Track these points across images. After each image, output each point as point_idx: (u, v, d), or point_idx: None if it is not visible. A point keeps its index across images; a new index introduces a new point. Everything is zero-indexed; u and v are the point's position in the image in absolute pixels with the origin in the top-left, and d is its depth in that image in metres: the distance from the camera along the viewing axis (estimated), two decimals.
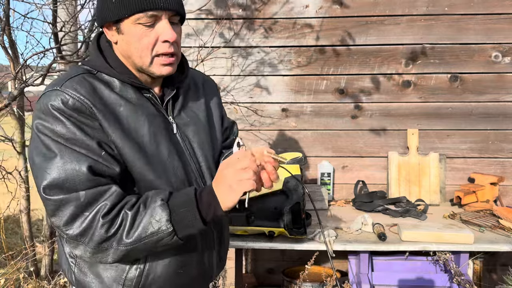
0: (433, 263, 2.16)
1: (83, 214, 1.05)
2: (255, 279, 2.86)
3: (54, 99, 1.07)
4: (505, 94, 2.66)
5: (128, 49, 1.15)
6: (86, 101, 1.09)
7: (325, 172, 2.73)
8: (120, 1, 1.10)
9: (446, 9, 2.62)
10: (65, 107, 1.07)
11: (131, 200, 1.09)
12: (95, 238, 1.05)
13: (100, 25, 1.19)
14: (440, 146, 2.71)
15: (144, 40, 1.13)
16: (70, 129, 1.07)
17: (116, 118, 1.13)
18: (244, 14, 2.69)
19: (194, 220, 1.07)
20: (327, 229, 2.13)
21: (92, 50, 1.22)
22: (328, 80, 2.72)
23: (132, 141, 1.14)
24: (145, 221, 1.06)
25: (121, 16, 1.11)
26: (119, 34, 1.15)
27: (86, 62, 1.21)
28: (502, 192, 2.65)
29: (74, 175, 1.04)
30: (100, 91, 1.14)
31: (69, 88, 1.09)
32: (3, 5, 2.61)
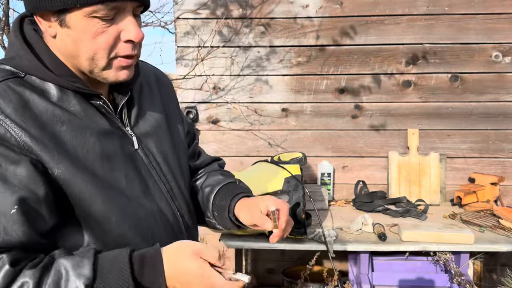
0: (433, 263, 2.16)
1: None
2: (255, 279, 2.86)
3: None
4: (505, 94, 2.65)
5: (74, 48, 0.87)
6: (13, 126, 0.80)
7: (325, 172, 2.72)
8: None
9: (446, 9, 2.62)
10: None
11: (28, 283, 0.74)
12: None
13: (30, 10, 0.87)
14: (441, 146, 2.71)
15: (100, 39, 0.85)
16: None
17: (58, 143, 0.84)
18: (243, 13, 2.69)
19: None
20: (327, 229, 2.12)
21: (16, 43, 0.90)
22: (328, 79, 2.72)
23: (85, 173, 0.86)
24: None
25: (70, 6, 0.82)
26: (62, 27, 0.85)
27: (7, 61, 0.89)
28: (502, 192, 2.65)
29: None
30: (33, 104, 0.84)
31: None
32: (3, 5, 2.60)
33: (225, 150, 2.79)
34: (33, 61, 0.87)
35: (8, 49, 0.90)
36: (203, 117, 2.78)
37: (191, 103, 2.77)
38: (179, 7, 2.66)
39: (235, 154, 2.79)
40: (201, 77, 2.68)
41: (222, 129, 2.79)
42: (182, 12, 2.65)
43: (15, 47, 0.89)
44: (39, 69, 0.87)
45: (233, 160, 2.78)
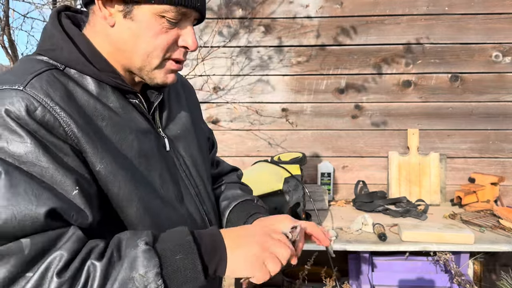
0: (433, 263, 2.16)
1: (25, 275, 0.68)
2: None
3: (15, 102, 0.74)
4: (505, 94, 2.65)
5: (132, 42, 0.86)
6: (63, 115, 0.77)
7: (325, 172, 2.72)
8: None
9: (447, 9, 2.62)
10: (29, 118, 0.74)
11: (98, 246, 0.75)
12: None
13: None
14: (441, 146, 2.71)
15: (161, 38, 0.86)
16: (32, 151, 0.73)
17: (100, 137, 0.82)
18: (244, 13, 2.69)
19: (194, 271, 0.76)
20: (327, 229, 2.12)
21: (56, 35, 0.86)
22: (328, 79, 2.72)
23: (125, 171, 0.84)
24: (122, 276, 0.71)
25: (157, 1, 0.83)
26: (126, 18, 0.84)
27: (45, 52, 0.86)
28: (502, 192, 2.65)
29: (26, 217, 0.70)
30: (77, 96, 0.82)
31: (38, 91, 0.77)
32: (3, 5, 2.60)
33: (225, 150, 2.79)
34: (75, 53, 0.85)
35: (45, 41, 0.87)
36: (203, 117, 2.78)
37: None
38: None
39: (235, 154, 2.79)
40: (201, 77, 2.68)
41: (222, 129, 2.79)
42: None
43: (54, 38, 0.86)
44: (80, 62, 0.85)
45: (233, 160, 2.78)
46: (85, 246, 0.74)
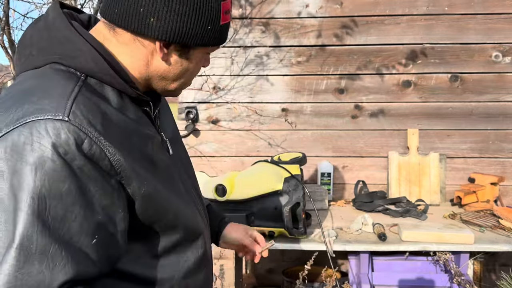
0: (433, 263, 2.16)
1: None
2: (255, 279, 2.86)
3: (61, 135, 0.69)
4: (505, 94, 2.65)
5: (177, 73, 0.88)
6: (108, 144, 0.73)
7: (325, 172, 2.72)
8: (220, 28, 0.87)
9: (446, 9, 2.62)
10: (78, 152, 0.70)
11: None
12: None
13: (165, 39, 0.81)
14: (440, 146, 2.71)
15: (199, 67, 0.92)
16: (68, 200, 0.69)
17: (137, 158, 0.79)
18: (243, 13, 2.69)
19: None
20: (327, 229, 2.13)
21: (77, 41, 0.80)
22: (328, 79, 2.72)
23: (162, 185, 0.84)
24: None
25: (220, 43, 0.89)
26: (181, 58, 0.86)
27: (64, 59, 0.79)
28: (502, 192, 2.65)
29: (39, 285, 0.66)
30: (110, 116, 0.77)
31: (81, 120, 0.71)
32: (3, 5, 2.60)
33: (225, 150, 2.79)
34: (101, 63, 0.79)
35: (61, 46, 0.79)
36: (203, 117, 2.78)
37: (191, 103, 2.77)
38: None
39: (235, 154, 2.80)
40: (201, 77, 2.68)
41: (222, 129, 2.79)
42: None
43: (73, 44, 0.79)
44: (108, 73, 0.80)
45: (233, 160, 2.78)
46: None
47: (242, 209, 1.98)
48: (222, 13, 0.86)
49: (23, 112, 0.70)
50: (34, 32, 0.83)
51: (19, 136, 0.68)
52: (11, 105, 0.72)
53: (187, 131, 2.76)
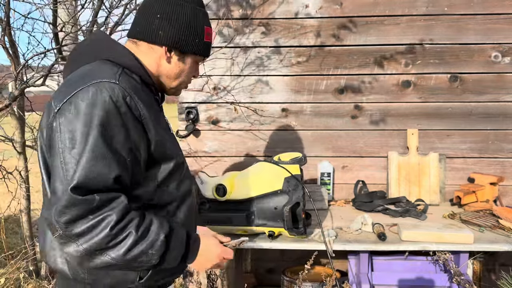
0: (433, 263, 2.16)
1: (88, 216, 1.05)
2: (255, 279, 2.86)
3: (114, 92, 1.11)
4: (505, 94, 2.66)
5: (177, 74, 1.33)
6: (138, 101, 1.16)
7: (325, 172, 2.73)
8: (204, 43, 1.33)
9: (446, 9, 2.62)
10: (124, 103, 1.12)
11: (136, 219, 1.12)
12: (93, 244, 1.06)
13: (171, 46, 1.27)
14: (440, 146, 2.72)
15: (191, 74, 1.37)
16: (117, 129, 1.11)
17: (155, 119, 1.21)
18: (244, 13, 2.69)
19: (176, 262, 1.23)
20: (327, 229, 2.13)
21: (116, 46, 1.26)
22: (328, 80, 2.72)
23: (167, 139, 1.27)
24: (143, 248, 1.12)
25: (205, 55, 1.36)
26: (179, 61, 1.31)
27: (114, 58, 1.23)
28: (502, 192, 2.65)
29: (102, 179, 1.07)
30: (140, 91, 1.20)
31: (125, 86, 1.14)
32: (4, 5, 2.61)
33: (225, 150, 2.80)
34: (133, 60, 1.25)
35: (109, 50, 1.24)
36: (203, 117, 2.79)
37: (191, 103, 2.78)
38: None
39: (235, 154, 2.80)
40: (201, 78, 2.69)
41: (222, 129, 2.79)
42: None
43: (118, 50, 1.25)
44: (136, 66, 1.24)
45: (233, 160, 2.79)
46: (128, 214, 1.11)
47: (242, 208, 1.99)
48: (205, 34, 1.33)
49: (89, 79, 1.12)
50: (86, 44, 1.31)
51: (90, 90, 1.10)
52: (77, 79, 1.15)
53: (187, 131, 2.77)
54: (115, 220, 1.07)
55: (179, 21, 1.27)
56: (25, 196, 3.30)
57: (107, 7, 2.75)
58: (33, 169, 7.79)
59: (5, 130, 3.27)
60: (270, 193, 1.94)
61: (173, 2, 1.27)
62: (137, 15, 1.31)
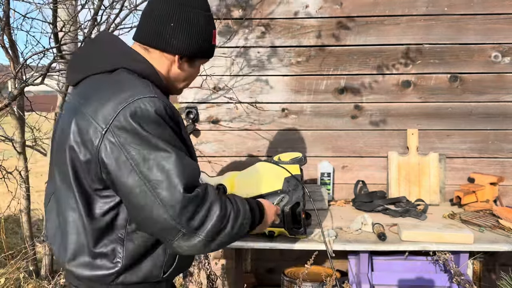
0: (433, 263, 2.16)
1: (199, 210, 1.16)
2: (255, 279, 2.86)
3: (157, 105, 1.18)
4: (505, 94, 2.66)
5: (184, 78, 1.40)
6: (176, 111, 1.25)
7: (325, 172, 2.73)
8: (211, 46, 1.38)
9: (446, 9, 2.62)
10: (166, 113, 1.19)
11: (227, 200, 1.27)
12: (209, 232, 1.17)
13: (181, 53, 1.32)
14: (440, 146, 2.71)
15: (196, 74, 1.44)
16: (173, 135, 1.20)
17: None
18: (243, 13, 2.69)
19: (255, 225, 1.40)
20: (327, 229, 2.13)
21: (133, 53, 1.30)
22: (328, 80, 2.72)
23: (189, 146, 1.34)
24: (240, 220, 1.27)
25: (209, 57, 1.41)
26: (189, 66, 1.37)
27: (131, 65, 1.27)
28: (502, 192, 2.65)
29: (195, 172, 1.21)
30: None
31: (160, 98, 1.21)
32: (3, 5, 2.61)
33: (225, 150, 2.80)
34: (152, 68, 1.30)
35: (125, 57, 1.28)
36: (203, 117, 2.78)
37: (191, 103, 2.78)
38: None
39: (235, 154, 2.80)
40: (201, 77, 2.69)
41: (222, 129, 2.79)
42: None
43: (134, 56, 1.30)
44: (155, 75, 1.30)
45: (233, 160, 2.79)
46: (221, 198, 1.24)
47: None
48: (213, 37, 1.38)
49: (130, 94, 1.17)
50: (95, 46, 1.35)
51: (136, 105, 1.16)
52: (116, 91, 1.19)
53: (188, 131, 2.76)
54: (218, 207, 1.19)
55: (192, 30, 1.31)
56: (25, 196, 3.30)
57: (107, 7, 2.74)
58: (33, 169, 7.78)
59: (5, 130, 3.27)
60: (270, 193, 1.93)
61: (185, 10, 1.30)
62: (147, 20, 1.32)
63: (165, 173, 1.13)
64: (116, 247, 1.23)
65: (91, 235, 1.22)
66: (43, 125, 3.54)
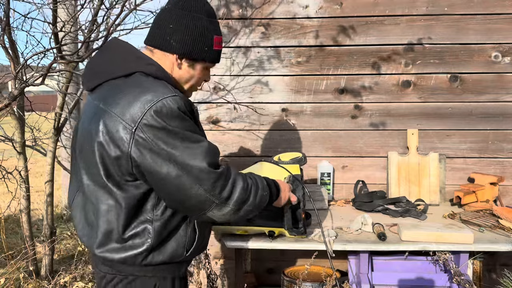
0: (433, 263, 2.16)
1: (227, 184, 1.37)
2: (255, 279, 2.86)
3: (179, 103, 1.33)
4: (505, 94, 2.66)
5: (187, 78, 1.49)
6: (194, 106, 1.42)
7: (325, 172, 2.73)
8: (213, 51, 1.47)
9: (446, 9, 2.62)
10: (186, 109, 1.35)
11: (249, 177, 1.48)
12: (237, 201, 1.39)
13: (181, 54, 1.43)
14: (440, 146, 2.72)
15: (201, 78, 1.53)
16: (195, 126, 1.38)
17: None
18: (244, 13, 2.69)
19: (273, 198, 1.60)
20: (327, 229, 2.13)
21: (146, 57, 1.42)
22: (328, 80, 2.72)
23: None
24: (261, 192, 1.49)
25: (214, 62, 1.51)
26: (189, 67, 1.46)
27: (146, 68, 1.40)
28: (502, 192, 2.65)
29: (217, 153, 1.39)
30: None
31: (180, 96, 1.35)
32: (3, 5, 2.61)
33: (225, 150, 2.80)
34: (163, 70, 1.42)
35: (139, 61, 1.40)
36: (203, 117, 2.79)
37: None
38: None
39: (235, 154, 2.80)
40: None
41: (222, 129, 2.79)
42: None
43: (146, 60, 1.42)
44: (167, 75, 1.42)
45: (233, 160, 2.79)
46: (243, 174, 1.47)
47: None
48: (214, 43, 1.46)
49: (153, 95, 1.31)
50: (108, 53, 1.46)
51: (160, 105, 1.30)
52: (139, 93, 1.32)
53: None
54: (241, 181, 1.41)
55: (190, 32, 1.41)
56: (25, 196, 3.30)
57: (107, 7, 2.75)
58: (33, 169, 7.78)
59: (5, 130, 3.27)
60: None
61: (185, 14, 1.41)
62: (153, 24, 1.47)
63: (194, 156, 1.31)
64: (146, 227, 1.39)
65: (123, 220, 1.37)
66: (43, 125, 3.55)
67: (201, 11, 1.43)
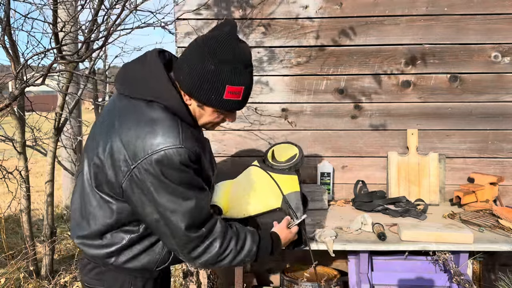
0: (432, 263, 2.16)
1: (200, 245, 1.42)
2: (255, 279, 2.87)
3: (182, 156, 1.35)
4: (504, 94, 2.66)
5: (198, 115, 1.48)
6: (198, 152, 1.40)
7: (325, 172, 2.73)
8: (223, 100, 1.40)
9: (446, 9, 2.62)
10: (190, 162, 1.37)
11: (234, 239, 1.49)
12: (206, 262, 1.45)
13: (185, 92, 1.42)
14: (440, 146, 2.72)
15: (212, 119, 1.49)
16: (193, 177, 1.39)
17: (204, 155, 1.48)
18: (244, 13, 2.69)
19: (265, 258, 1.63)
20: (327, 228, 2.13)
21: (172, 91, 1.41)
22: (328, 80, 2.72)
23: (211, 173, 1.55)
24: (241, 258, 1.51)
25: (225, 110, 1.46)
26: (198, 106, 1.45)
27: (161, 98, 1.39)
28: (501, 192, 2.66)
29: (202, 214, 1.41)
30: (196, 136, 1.45)
31: (189, 145, 1.37)
32: (4, 5, 2.61)
33: (225, 150, 2.80)
34: (182, 106, 1.42)
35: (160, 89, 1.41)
36: None
37: None
38: (180, 8, 2.67)
39: (235, 154, 2.80)
40: None
41: (222, 129, 2.79)
42: (182, 12, 2.66)
43: (169, 92, 1.41)
44: (184, 112, 1.42)
45: (233, 160, 2.79)
46: (227, 235, 1.47)
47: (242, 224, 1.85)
48: (226, 92, 1.39)
49: (160, 142, 1.34)
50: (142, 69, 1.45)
51: (163, 154, 1.33)
52: (149, 133, 1.36)
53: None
54: (218, 245, 1.44)
55: (195, 75, 1.38)
56: (25, 196, 3.30)
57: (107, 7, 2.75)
58: (33, 169, 7.77)
59: (5, 130, 3.27)
60: (269, 211, 1.84)
61: (199, 57, 1.37)
62: (181, 56, 1.47)
63: (175, 212, 1.36)
64: (124, 236, 1.46)
65: (110, 223, 1.44)
66: (43, 125, 3.55)
67: (222, 58, 1.36)
